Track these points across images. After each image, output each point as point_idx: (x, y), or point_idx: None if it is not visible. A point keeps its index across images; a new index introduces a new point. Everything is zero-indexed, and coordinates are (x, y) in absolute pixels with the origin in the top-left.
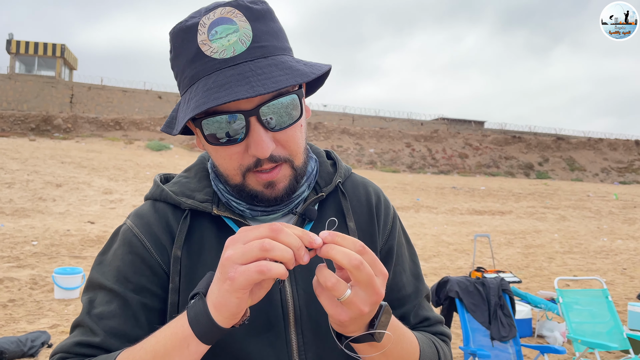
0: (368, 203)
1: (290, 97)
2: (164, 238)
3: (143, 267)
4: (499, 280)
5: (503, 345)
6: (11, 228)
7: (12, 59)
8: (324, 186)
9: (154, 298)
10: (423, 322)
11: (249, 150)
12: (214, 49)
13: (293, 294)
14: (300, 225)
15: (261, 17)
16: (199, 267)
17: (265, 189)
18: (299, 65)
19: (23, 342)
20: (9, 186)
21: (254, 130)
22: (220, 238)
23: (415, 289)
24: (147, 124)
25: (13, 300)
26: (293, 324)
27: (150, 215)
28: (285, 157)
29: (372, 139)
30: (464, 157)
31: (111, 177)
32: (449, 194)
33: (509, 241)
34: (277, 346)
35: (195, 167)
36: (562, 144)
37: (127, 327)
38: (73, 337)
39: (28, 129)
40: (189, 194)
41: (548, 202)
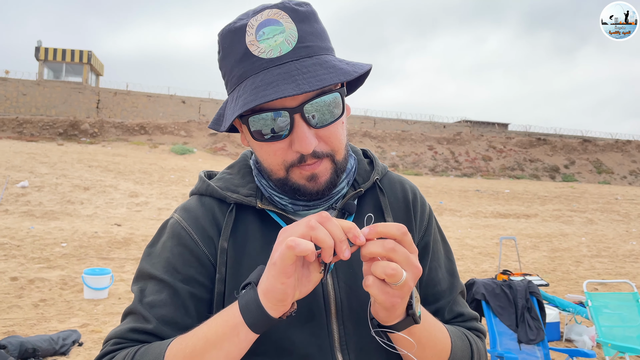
0: (405, 199)
1: (332, 95)
2: (211, 230)
3: (191, 259)
4: (526, 283)
5: (531, 348)
6: (41, 230)
7: (41, 65)
8: (362, 183)
9: (202, 288)
10: (457, 318)
11: (293, 146)
12: (262, 49)
13: (334, 286)
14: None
15: (306, 18)
16: (244, 258)
17: (308, 182)
18: (342, 65)
19: (55, 340)
20: (39, 189)
21: (297, 127)
22: (264, 230)
23: (450, 285)
24: (171, 128)
25: (44, 300)
26: (334, 315)
27: (197, 209)
28: (328, 153)
29: (394, 141)
30: (488, 160)
31: (137, 181)
32: (472, 197)
33: (535, 244)
34: (319, 336)
35: (238, 164)
36: (589, 146)
37: (177, 316)
38: (126, 323)
39: (56, 133)
40: (234, 189)
41: (575, 205)
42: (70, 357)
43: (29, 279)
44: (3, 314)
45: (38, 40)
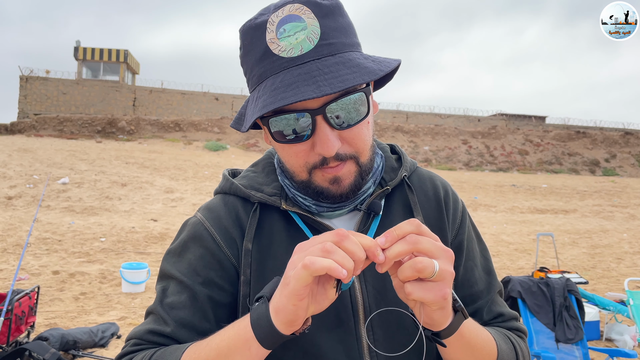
0: (436, 196)
1: (357, 95)
2: (234, 231)
3: (212, 261)
4: (564, 281)
5: (569, 347)
6: (81, 225)
7: (80, 65)
8: (389, 181)
9: (222, 292)
10: (497, 318)
11: (315, 149)
12: (282, 48)
13: (362, 290)
14: (366, 221)
15: (330, 13)
16: (269, 259)
17: (331, 185)
18: (367, 63)
19: (94, 332)
20: (79, 186)
21: (320, 129)
22: (289, 231)
23: (487, 285)
24: (204, 125)
25: (84, 293)
26: (363, 321)
27: (221, 209)
28: (351, 155)
29: (427, 136)
30: (524, 154)
31: (172, 177)
32: (508, 192)
33: (574, 241)
34: (347, 342)
35: (262, 162)
36: (631, 139)
37: (195, 320)
38: (146, 324)
39: (95, 131)
40: (258, 187)
41: (616, 200)
42: (109, 349)
43: (70, 272)
44: (45, 307)
45: (77, 40)
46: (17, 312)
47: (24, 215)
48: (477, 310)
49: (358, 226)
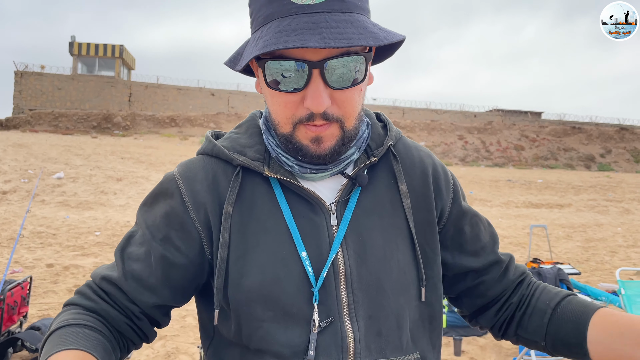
0: (421, 165)
1: (357, 58)
2: (206, 196)
3: (175, 221)
4: (555, 270)
5: None
6: (76, 219)
7: (75, 60)
8: (375, 148)
9: (177, 253)
10: (511, 262)
11: (305, 102)
12: None
13: (344, 254)
14: (350, 189)
15: None
16: (251, 222)
17: (312, 144)
18: (374, 28)
19: None
20: (74, 180)
21: (314, 83)
22: (271, 194)
23: (491, 235)
24: (200, 120)
25: (78, 286)
26: (343, 283)
27: (199, 171)
28: (338, 117)
29: (423, 131)
30: (520, 149)
31: (167, 172)
32: (503, 187)
33: (568, 234)
34: (327, 303)
35: (246, 124)
36: (626, 134)
37: (144, 274)
38: (106, 268)
39: (90, 126)
40: (240, 150)
41: (611, 195)
42: None
43: (64, 265)
44: (39, 299)
45: (72, 36)
46: (10, 302)
47: (18, 210)
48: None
49: (341, 193)
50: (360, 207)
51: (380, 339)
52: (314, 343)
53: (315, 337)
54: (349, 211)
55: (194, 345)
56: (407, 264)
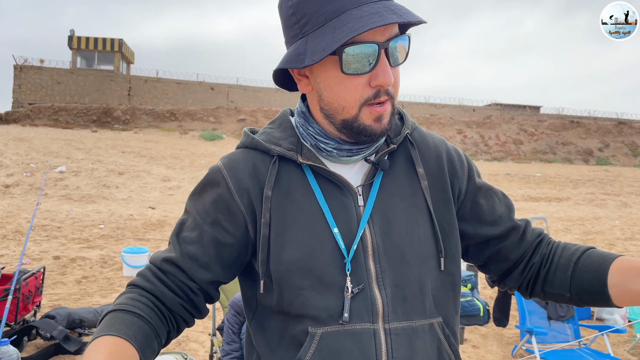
0: (436, 150)
1: (407, 38)
2: (249, 182)
3: (223, 206)
4: None
5: (560, 325)
6: (80, 213)
7: (74, 54)
8: (394, 137)
9: (226, 234)
10: (528, 226)
11: (377, 79)
12: None
13: (371, 230)
14: (373, 174)
15: None
16: (288, 204)
17: (374, 123)
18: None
19: (99, 312)
20: (76, 174)
21: (382, 61)
22: (304, 179)
23: (507, 205)
24: (200, 114)
25: (86, 277)
26: (371, 255)
27: (240, 161)
28: (392, 94)
29: (422, 125)
30: (519, 144)
31: (169, 166)
32: (502, 181)
33: (567, 228)
34: (358, 273)
35: (279, 120)
36: (624, 128)
37: (199, 254)
38: (164, 252)
39: (90, 120)
40: (276, 142)
41: (609, 189)
42: None
43: (71, 257)
44: (49, 289)
45: (71, 30)
46: (24, 291)
47: (22, 203)
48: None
49: (366, 177)
50: (383, 189)
51: (406, 304)
52: (348, 307)
53: (349, 302)
54: (373, 192)
55: (204, 334)
56: (427, 238)
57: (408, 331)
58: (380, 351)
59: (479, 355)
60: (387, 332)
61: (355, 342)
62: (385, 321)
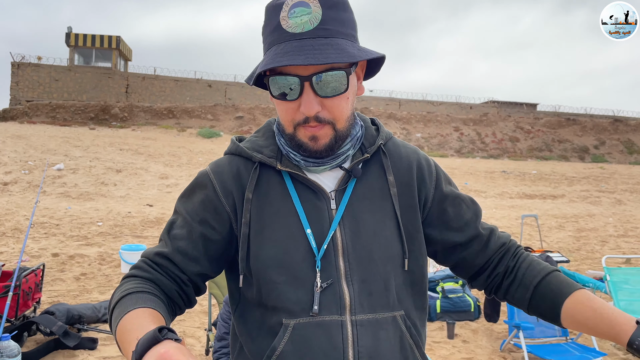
0: (407, 160)
1: (338, 72)
2: (233, 185)
3: (210, 206)
4: (544, 258)
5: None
6: (78, 210)
7: (72, 51)
8: (368, 146)
9: (213, 231)
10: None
11: (300, 108)
12: (289, 25)
13: (341, 231)
14: (347, 180)
15: (334, 6)
16: (266, 206)
17: (310, 141)
18: (351, 49)
19: (97, 309)
20: (74, 172)
21: (305, 93)
22: (283, 184)
23: (474, 212)
24: (198, 112)
25: (85, 274)
26: (341, 254)
27: (225, 166)
28: (329, 120)
29: (419, 123)
30: (515, 141)
31: (166, 163)
32: (498, 178)
33: (561, 225)
34: (327, 270)
35: (263, 129)
36: (620, 125)
37: (189, 249)
38: (156, 247)
39: (88, 118)
40: (258, 149)
41: (603, 186)
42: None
43: (69, 255)
44: (48, 286)
45: (68, 27)
46: (25, 287)
47: (20, 201)
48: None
49: (339, 183)
50: (355, 194)
51: (371, 298)
52: (318, 300)
53: (318, 296)
54: (345, 197)
55: (200, 329)
56: (393, 239)
57: (373, 322)
58: (347, 340)
59: (468, 350)
60: (353, 324)
61: (324, 332)
62: (352, 313)
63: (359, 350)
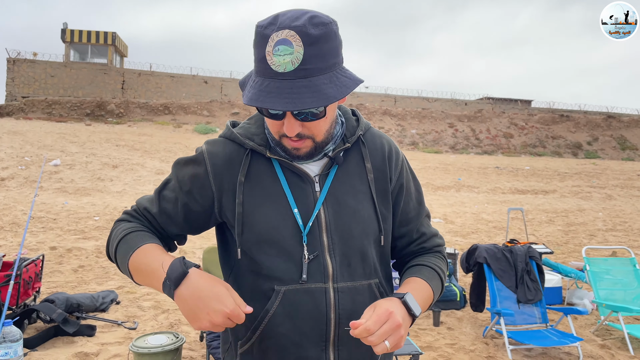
0: (382, 149)
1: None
2: (223, 169)
3: (198, 182)
4: (526, 249)
5: (529, 307)
6: (74, 205)
7: (67, 47)
8: (349, 137)
9: (195, 203)
10: (421, 237)
11: (283, 127)
12: (274, 62)
13: (325, 210)
14: (330, 166)
15: (315, 41)
16: (257, 189)
17: (293, 150)
18: (328, 88)
19: (96, 298)
20: (70, 167)
21: (288, 119)
22: (272, 170)
23: (417, 212)
24: (194, 108)
25: (82, 266)
26: (325, 230)
27: (220, 150)
28: (309, 136)
29: (414, 119)
30: (509, 137)
31: (162, 159)
32: (491, 174)
33: (551, 219)
34: (313, 244)
35: (255, 117)
36: (613, 122)
37: (172, 213)
38: (147, 201)
39: (84, 114)
40: (250, 137)
41: (594, 182)
42: (110, 313)
43: (67, 248)
44: (46, 278)
45: (64, 23)
46: (25, 277)
47: (17, 196)
48: (409, 231)
49: (323, 168)
50: (337, 178)
51: (350, 269)
52: (306, 269)
53: (306, 266)
54: (328, 181)
55: None
56: (370, 219)
57: (351, 289)
58: (330, 304)
59: (453, 336)
60: (335, 290)
61: (310, 297)
62: (334, 282)
63: (339, 312)
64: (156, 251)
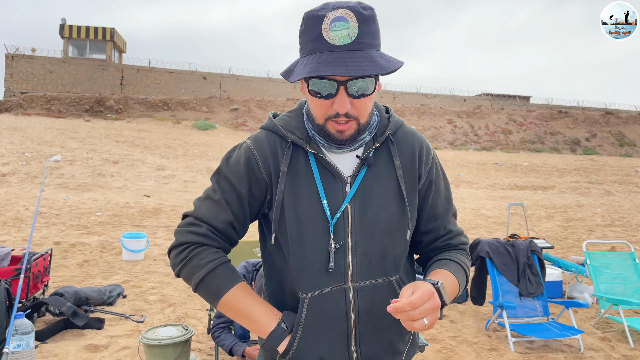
0: (412, 147)
1: (369, 79)
2: (270, 159)
3: (252, 176)
4: (527, 243)
5: (531, 301)
6: (76, 201)
7: (66, 43)
8: (379, 136)
9: (254, 198)
10: (448, 234)
11: (333, 106)
12: (331, 37)
13: (352, 210)
14: (360, 167)
15: (366, 20)
16: (297, 177)
17: (337, 133)
18: (381, 60)
19: (103, 292)
20: (71, 163)
21: (340, 94)
22: (308, 164)
23: (445, 209)
24: (193, 104)
25: (87, 261)
26: (350, 229)
27: (264, 142)
28: (355, 116)
29: (413, 115)
30: (508, 133)
31: (162, 155)
32: (490, 170)
33: (550, 215)
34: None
35: (296, 111)
36: (612, 118)
37: (239, 213)
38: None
39: (83, 110)
40: (291, 130)
41: (593, 178)
42: (117, 306)
43: (71, 243)
44: (52, 272)
45: (62, 18)
46: (34, 271)
47: (19, 192)
48: (436, 227)
49: (354, 170)
50: (366, 178)
51: (370, 268)
52: (333, 258)
53: (333, 255)
54: (357, 181)
55: (201, 310)
56: (396, 216)
57: (371, 287)
58: (350, 303)
59: (455, 329)
60: (355, 290)
61: (332, 300)
62: (354, 281)
63: (359, 310)
64: (250, 297)
